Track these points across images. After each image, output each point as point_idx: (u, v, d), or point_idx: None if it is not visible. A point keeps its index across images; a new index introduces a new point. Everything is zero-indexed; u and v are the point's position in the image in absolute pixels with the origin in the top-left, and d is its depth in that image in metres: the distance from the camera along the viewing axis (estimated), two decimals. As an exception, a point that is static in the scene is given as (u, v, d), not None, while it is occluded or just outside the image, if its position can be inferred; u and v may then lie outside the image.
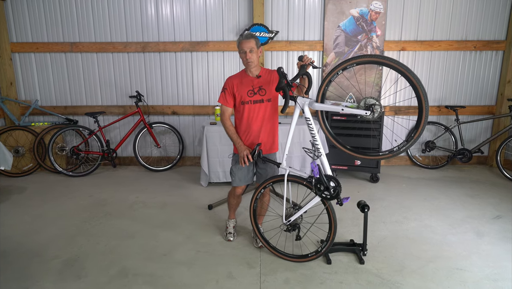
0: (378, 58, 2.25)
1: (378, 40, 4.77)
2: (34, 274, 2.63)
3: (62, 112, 5.10)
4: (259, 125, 2.77)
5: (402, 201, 3.91)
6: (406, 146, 2.32)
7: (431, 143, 4.95)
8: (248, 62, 2.69)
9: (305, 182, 2.57)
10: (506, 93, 4.85)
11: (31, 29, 4.88)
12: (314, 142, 2.51)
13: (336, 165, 4.54)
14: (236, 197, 3.02)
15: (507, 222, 3.39)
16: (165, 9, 4.82)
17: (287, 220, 2.70)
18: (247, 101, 2.73)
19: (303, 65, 2.50)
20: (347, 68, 2.34)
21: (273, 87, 2.73)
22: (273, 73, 2.79)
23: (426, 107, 2.19)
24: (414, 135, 2.28)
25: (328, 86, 2.45)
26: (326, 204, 2.56)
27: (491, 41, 4.79)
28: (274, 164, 2.77)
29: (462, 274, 2.59)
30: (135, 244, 3.05)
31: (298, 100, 2.52)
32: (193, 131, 5.20)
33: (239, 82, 2.75)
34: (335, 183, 2.46)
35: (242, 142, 2.74)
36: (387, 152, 2.38)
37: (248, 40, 2.66)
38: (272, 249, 2.83)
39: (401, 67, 2.18)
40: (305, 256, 2.73)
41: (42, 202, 3.97)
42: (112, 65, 5.01)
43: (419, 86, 2.17)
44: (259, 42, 2.71)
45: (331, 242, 2.62)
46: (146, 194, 4.18)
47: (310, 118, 2.50)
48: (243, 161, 2.68)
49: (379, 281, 2.52)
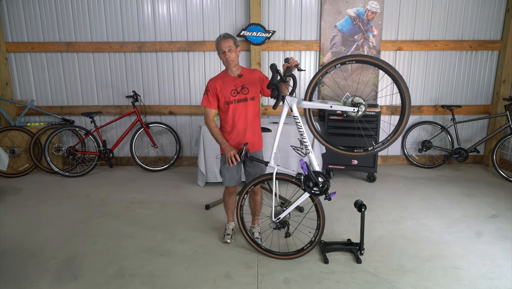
0: (361, 57, 2.36)
1: (375, 40, 4.79)
2: (30, 275, 2.62)
3: (58, 113, 5.08)
4: (245, 124, 2.80)
5: (399, 200, 3.93)
6: (381, 147, 2.42)
7: (427, 143, 4.97)
8: (228, 61, 2.71)
9: (294, 180, 2.61)
10: (501, 93, 4.87)
11: (26, 28, 4.85)
12: (302, 140, 2.57)
13: (333, 164, 4.55)
14: (231, 195, 3.04)
15: (503, 221, 3.41)
16: (162, 9, 4.81)
17: (276, 218, 2.71)
18: (231, 101, 2.75)
19: (289, 67, 2.54)
20: (329, 71, 2.43)
21: (256, 86, 2.77)
22: (254, 72, 2.82)
23: (408, 110, 2.30)
24: (390, 138, 2.40)
25: (316, 86, 2.51)
26: (314, 200, 2.61)
27: (486, 41, 4.82)
28: (262, 163, 2.80)
29: (458, 273, 2.61)
30: (132, 244, 3.05)
31: (287, 99, 2.56)
32: (190, 131, 5.19)
33: (221, 83, 2.76)
34: (324, 178, 2.51)
35: (227, 142, 2.76)
36: (361, 150, 2.49)
37: (226, 39, 2.68)
38: (266, 251, 2.84)
39: (385, 65, 2.27)
40: (301, 249, 2.75)
41: (39, 203, 3.95)
42: (108, 65, 4.99)
43: (402, 84, 2.26)
44: (237, 41, 2.74)
45: (322, 228, 2.65)
46: (143, 194, 4.17)
47: (298, 116, 2.56)
48: (230, 161, 2.69)
49: (376, 280, 2.53)
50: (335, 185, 4.40)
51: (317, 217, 2.66)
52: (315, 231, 2.69)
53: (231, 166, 2.76)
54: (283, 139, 4.06)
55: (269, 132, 3.91)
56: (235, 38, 2.73)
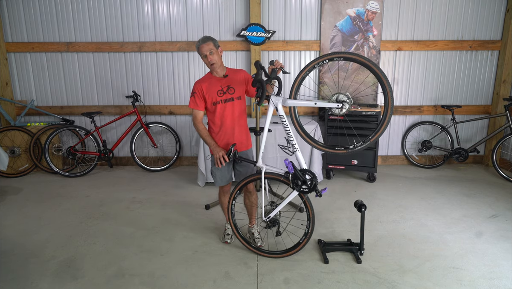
0: (348, 55, 2.38)
1: (375, 40, 4.79)
2: (30, 275, 2.62)
3: (58, 113, 5.08)
4: (232, 124, 2.81)
5: (399, 200, 3.93)
6: (362, 146, 2.45)
7: (427, 143, 4.96)
8: (211, 64, 2.72)
9: (282, 178, 2.64)
10: (501, 93, 4.87)
11: (26, 28, 4.85)
12: (289, 138, 2.59)
13: (333, 164, 4.55)
14: (226, 194, 3.04)
15: (503, 221, 3.41)
16: (162, 9, 4.81)
17: (267, 216, 2.72)
18: (218, 101, 2.76)
19: (274, 69, 2.57)
20: (317, 66, 2.46)
21: (241, 86, 2.79)
22: (240, 72, 2.85)
23: (390, 110, 2.32)
24: (371, 138, 2.42)
25: (300, 84, 2.54)
26: (303, 197, 2.62)
27: (486, 41, 4.82)
28: (250, 163, 2.81)
29: (458, 273, 2.61)
30: (132, 244, 3.05)
31: (272, 98, 2.58)
32: (190, 131, 5.19)
33: (207, 84, 2.77)
34: (310, 175, 2.54)
35: (216, 143, 2.77)
36: (342, 148, 2.52)
37: (205, 43, 2.69)
38: (267, 253, 2.84)
39: (371, 64, 2.30)
40: (298, 243, 2.76)
41: (38, 203, 3.95)
42: (108, 65, 4.99)
43: (386, 84, 2.29)
44: (217, 42, 2.75)
45: (312, 218, 2.66)
46: (143, 194, 4.17)
47: (284, 115, 2.59)
48: (219, 162, 2.69)
49: (376, 280, 2.53)
50: (335, 185, 4.41)
51: (306, 209, 2.67)
52: (307, 222, 2.70)
53: (220, 167, 2.77)
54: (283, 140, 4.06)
55: (270, 133, 3.92)
56: (214, 40, 2.73)
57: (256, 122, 3.69)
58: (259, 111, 3.69)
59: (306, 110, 5.03)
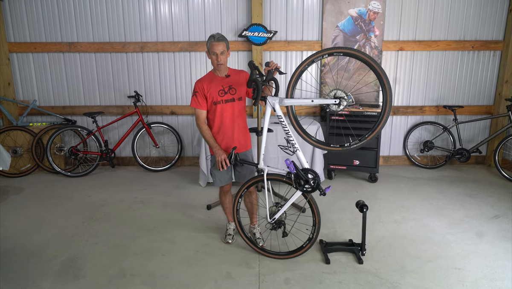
0: (349, 50, 2.37)
1: (377, 40, 4.78)
2: (32, 275, 2.63)
3: (60, 113, 5.09)
4: (232, 124, 2.80)
5: (401, 200, 3.92)
6: (358, 144, 2.45)
7: (429, 143, 4.95)
8: (218, 64, 2.71)
9: (285, 179, 2.62)
10: (504, 93, 4.86)
11: (29, 29, 4.86)
12: (289, 138, 2.58)
13: (335, 164, 4.54)
14: (226, 194, 3.04)
15: (505, 221, 3.39)
16: (164, 9, 4.82)
17: (272, 218, 2.71)
18: (219, 101, 2.75)
19: (270, 70, 2.56)
20: (316, 60, 2.45)
21: (242, 87, 2.79)
22: (242, 73, 2.84)
23: (388, 109, 2.32)
24: (368, 136, 2.42)
25: (296, 82, 2.53)
26: (307, 196, 2.61)
27: (489, 41, 4.80)
28: (252, 165, 2.80)
29: (460, 274, 2.60)
30: (134, 244, 3.05)
31: (269, 99, 2.57)
32: (191, 131, 5.20)
33: (208, 83, 2.76)
34: (313, 174, 2.52)
35: (219, 146, 2.76)
36: (338, 146, 2.52)
37: (220, 42, 2.68)
38: (270, 253, 2.84)
39: (371, 61, 2.30)
40: (301, 247, 2.75)
41: (40, 203, 3.96)
42: (110, 65, 4.99)
43: (386, 82, 2.29)
44: (228, 44, 2.75)
45: (318, 224, 2.64)
46: (144, 194, 4.17)
47: (282, 115, 2.58)
48: (220, 165, 2.69)
49: (377, 280, 2.53)
50: (337, 185, 4.40)
51: (312, 214, 2.65)
52: (312, 228, 2.68)
53: (221, 170, 2.76)
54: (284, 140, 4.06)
55: (271, 133, 3.92)
56: (227, 41, 2.74)
57: (258, 123, 3.69)
58: (260, 112, 3.68)
59: (308, 111, 5.02)
